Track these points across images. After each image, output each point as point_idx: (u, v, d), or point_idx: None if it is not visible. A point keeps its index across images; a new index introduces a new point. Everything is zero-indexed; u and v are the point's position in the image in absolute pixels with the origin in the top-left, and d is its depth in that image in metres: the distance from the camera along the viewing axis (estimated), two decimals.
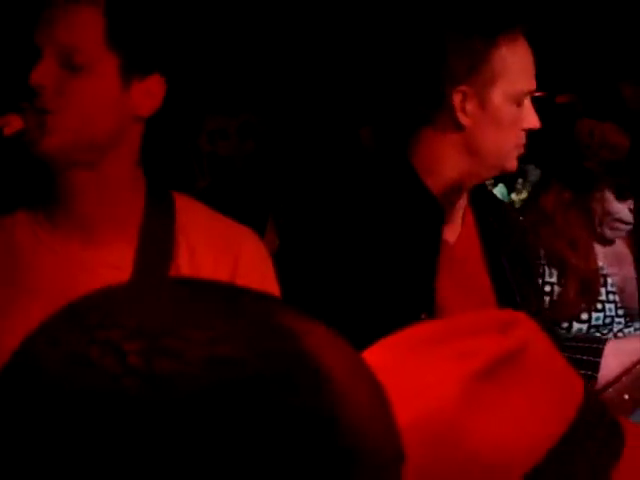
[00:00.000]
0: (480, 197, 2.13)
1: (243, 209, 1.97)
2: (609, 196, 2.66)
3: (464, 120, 1.97)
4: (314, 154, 4.84)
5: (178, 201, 1.67)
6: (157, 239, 1.61)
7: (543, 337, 0.93)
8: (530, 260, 2.21)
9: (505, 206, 2.22)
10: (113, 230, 1.60)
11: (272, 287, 1.66)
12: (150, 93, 1.57)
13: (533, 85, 2.00)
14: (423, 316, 1.90)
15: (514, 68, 1.96)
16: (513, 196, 5.08)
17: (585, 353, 2.24)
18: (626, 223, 2.69)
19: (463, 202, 2.08)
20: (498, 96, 1.95)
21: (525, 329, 0.91)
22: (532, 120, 1.99)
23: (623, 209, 2.67)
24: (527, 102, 1.99)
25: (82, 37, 1.49)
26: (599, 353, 2.22)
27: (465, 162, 2.00)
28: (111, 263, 1.58)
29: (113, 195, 1.59)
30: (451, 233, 2.05)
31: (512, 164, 2.03)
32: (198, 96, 4.01)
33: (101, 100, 1.52)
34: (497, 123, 1.96)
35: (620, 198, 2.65)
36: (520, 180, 5.12)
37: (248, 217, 1.88)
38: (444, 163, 2.00)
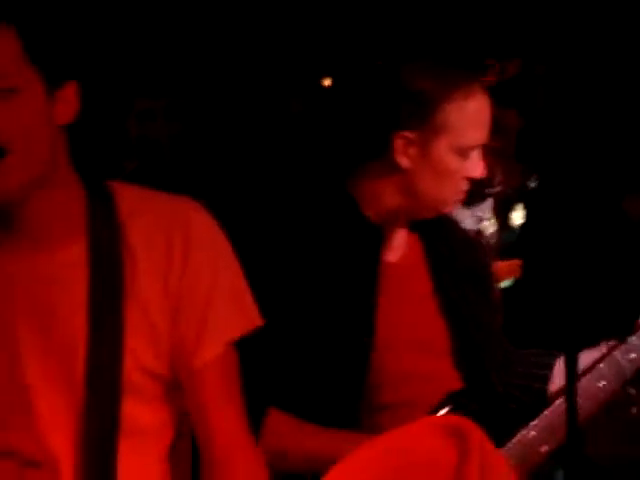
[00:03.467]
0: (427, 220, 2.13)
1: (171, 191, 2.01)
2: None
3: (404, 163, 2.01)
4: (241, 134, 4.86)
5: (116, 189, 1.68)
6: (106, 229, 1.62)
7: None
8: (484, 275, 2.21)
9: (453, 224, 2.23)
10: (61, 231, 1.62)
11: (227, 252, 1.70)
12: (69, 101, 1.59)
13: (482, 139, 2.02)
14: (365, 340, 1.93)
15: (463, 122, 1.98)
16: None
17: (535, 367, 2.20)
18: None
19: (405, 228, 2.11)
20: (442, 147, 1.99)
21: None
22: (476, 170, 2.02)
23: (466, 217, 2.58)
24: (475, 153, 2.01)
25: (4, 61, 1.49)
26: (549, 367, 2.17)
27: (402, 200, 2.05)
28: (67, 262, 1.62)
29: (55, 199, 1.61)
30: (393, 256, 2.08)
31: (448, 209, 2.08)
32: (126, 79, 4.02)
33: (37, 118, 1.53)
34: (437, 172, 2.00)
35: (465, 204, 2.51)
36: None
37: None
38: (382, 198, 2.05)
